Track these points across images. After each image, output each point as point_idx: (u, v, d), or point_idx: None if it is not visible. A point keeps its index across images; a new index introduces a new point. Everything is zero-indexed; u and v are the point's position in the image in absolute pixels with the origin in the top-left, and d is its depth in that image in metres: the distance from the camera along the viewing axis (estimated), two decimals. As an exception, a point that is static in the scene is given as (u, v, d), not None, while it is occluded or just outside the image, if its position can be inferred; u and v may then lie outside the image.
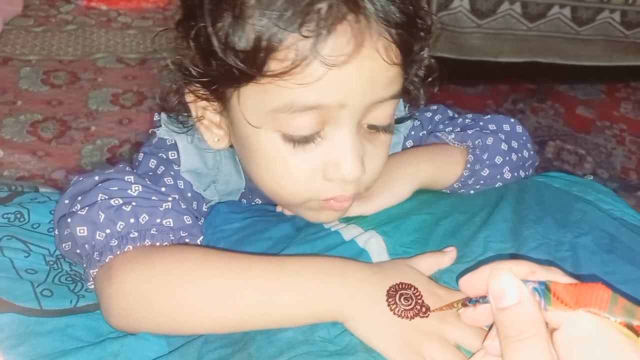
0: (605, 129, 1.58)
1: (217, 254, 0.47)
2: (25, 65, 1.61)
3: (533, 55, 1.62)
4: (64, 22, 1.81)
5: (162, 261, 0.45)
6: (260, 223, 0.54)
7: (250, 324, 0.43)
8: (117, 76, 1.60)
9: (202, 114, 0.52)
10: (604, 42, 1.62)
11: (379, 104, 0.46)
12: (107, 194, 0.47)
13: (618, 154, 1.50)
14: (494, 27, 1.59)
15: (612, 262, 0.48)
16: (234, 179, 0.58)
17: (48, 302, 0.47)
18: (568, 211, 0.53)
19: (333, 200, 0.49)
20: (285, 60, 0.42)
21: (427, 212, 0.52)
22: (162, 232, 0.47)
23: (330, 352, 0.40)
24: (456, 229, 0.51)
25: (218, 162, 0.56)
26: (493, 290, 0.31)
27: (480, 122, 0.63)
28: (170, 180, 0.51)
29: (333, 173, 0.47)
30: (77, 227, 0.46)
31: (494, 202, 0.55)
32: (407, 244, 0.49)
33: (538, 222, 0.50)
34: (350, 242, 0.49)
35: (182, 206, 0.50)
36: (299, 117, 0.44)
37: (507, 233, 0.49)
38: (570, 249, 0.48)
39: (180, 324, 0.44)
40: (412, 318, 0.41)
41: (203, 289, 0.44)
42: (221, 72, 0.45)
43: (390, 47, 0.44)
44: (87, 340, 0.46)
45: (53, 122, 1.43)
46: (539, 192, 0.57)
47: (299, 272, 0.44)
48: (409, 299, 0.42)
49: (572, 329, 0.29)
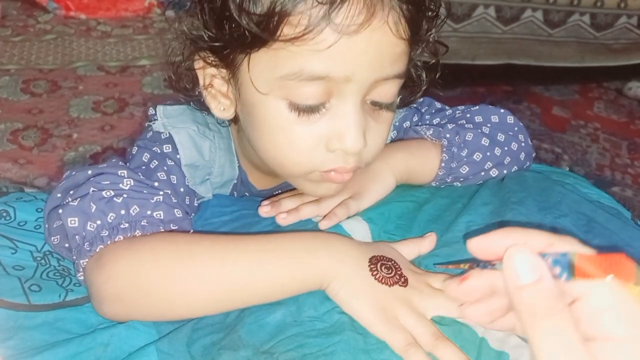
0: (580, 127, 1.62)
1: (204, 236, 0.48)
2: (4, 74, 1.59)
3: (508, 58, 1.66)
4: (43, 31, 1.80)
5: (152, 246, 0.46)
6: (248, 216, 0.55)
7: (242, 299, 0.44)
8: (98, 84, 1.59)
9: (210, 82, 0.52)
10: (576, 44, 1.66)
11: (384, 82, 0.47)
12: (98, 186, 0.48)
13: (593, 151, 1.54)
14: (469, 31, 1.62)
15: (590, 242, 0.49)
16: (227, 171, 0.59)
17: (36, 297, 0.47)
18: (548, 194, 0.54)
19: (334, 172, 0.49)
20: (298, 25, 0.43)
21: (410, 199, 0.54)
22: (152, 224, 0.48)
23: (318, 331, 0.41)
24: (438, 214, 0.52)
25: (213, 153, 0.57)
26: (510, 269, 0.30)
27: (467, 114, 0.63)
28: (163, 175, 0.52)
29: (336, 144, 0.47)
30: (68, 217, 0.47)
31: (474, 188, 0.56)
32: (392, 230, 0.50)
33: (520, 204, 0.52)
34: (336, 227, 0.51)
35: (173, 200, 0.50)
36: (307, 86, 0.45)
37: (488, 216, 0.51)
38: (551, 229, 0.50)
39: (173, 305, 0.45)
40: (392, 285, 0.43)
41: (193, 268, 0.45)
42: (234, 36, 0.46)
43: (400, 22, 0.45)
44: (77, 332, 0.46)
45: (34, 130, 1.42)
46: (519, 176, 0.59)
47: (284, 244, 0.45)
48: (390, 269, 0.44)
49: (597, 298, 0.29)
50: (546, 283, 0.29)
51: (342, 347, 0.40)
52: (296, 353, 0.40)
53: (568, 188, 0.56)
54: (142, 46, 1.77)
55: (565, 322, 0.28)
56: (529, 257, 0.30)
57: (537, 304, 0.29)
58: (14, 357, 0.43)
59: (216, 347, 0.42)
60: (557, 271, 0.30)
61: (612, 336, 0.28)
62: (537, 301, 0.29)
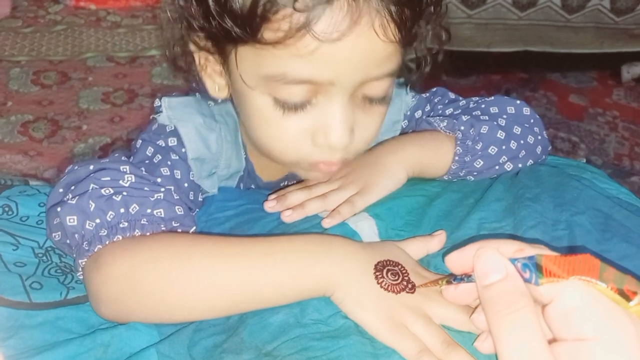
0: (598, 116, 1.58)
1: (205, 238, 0.47)
2: (15, 66, 1.60)
3: (524, 45, 1.62)
4: (53, 22, 1.80)
5: (151, 247, 0.45)
6: (253, 211, 0.54)
7: (242, 304, 0.43)
8: (108, 75, 1.59)
9: (204, 62, 0.52)
10: (595, 29, 1.62)
11: (374, 80, 0.46)
12: (98, 183, 0.47)
13: (611, 140, 1.50)
14: (484, 17, 1.59)
15: (607, 241, 0.48)
16: (234, 163, 0.58)
17: (37, 295, 0.47)
18: (564, 189, 0.52)
19: (322, 164, 0.49)
20: (279, 30, 0.42)
21: (420, 193, 0.52)
22: (152, 223, 0.47)
23: (322, 333, 0.40)
24: (449, 210, 0.50)
25: (220, 145, 0.56)
26: (478, 269, 0.31)
27: (482, 104, 0.61)
28: (167, 170, 0.51)
29: (321, 139, 0.47)
30: (67, 216, 0.46)
31: (487, 182, 0.54)
32: (400, 227, 0.49)
33: (535, 200, 0.50)
34: (342, 225, 0.49)
35: (174, 197, 0.49)
36: (291, 87, 0.45)
37: (501, 212, 0.48)
38: (567, 227, 0.48)
39: (171, 309, 0.44)
40: (399, 292, 0.41)
41: (192, 272, 0.43)
42: (219, 30, 0.45)
43: (388, 25, 0.43)
44: (77, 332, 0.45)
45: (44, 122, 1.42)
46: (534, 170, 0.56)
47: (286, 248, 0.44)
48: (396, 275, 0.42)
49: (566, 300, 0.29)
50: (511, 280, 0.30)
51: (348, 351, 0.39)
52: (300, 356, 0.39)
53: (585, 183, 0.54)
54: (152, 36, 1.76)
55: (532, 318, 0.28)
56: (495, 257, 0.31)
57: (501, 300, 0.29)
58: (14, 357, 0.43)
59: (218, 349, 0.41)
60: (527, 275, 0.30)
61: (583, 336, 0.28)
62: (501, 298, 0.30)
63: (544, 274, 0.29)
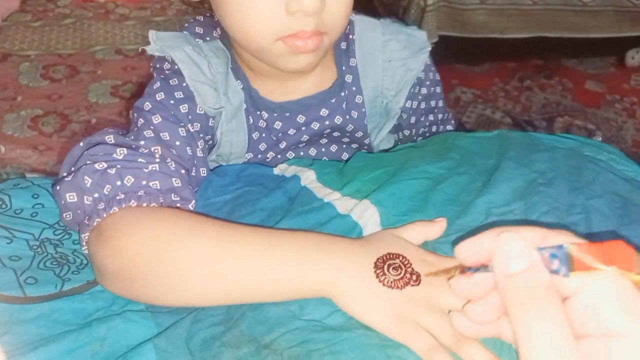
0: (616, 102, 1.54)
1: (210, 222, 0.46)
2: (25, 60, 1.60)
3: (540, 30, 1.58)
4: (62, 15, 1.80)
5: (155, 224, 0.45)
6: (251, 193, 0.52)
7: (237, 297, 0.42)
8: (117, 68, 1.58)
9: None
10: (613, 13, 1.57)
11: None
12: (92, 159, 0.47)
13: (629, 127, 1.46)
14: (498, 3, 1.54)
15: (625, 226, 0.45)
16: (232, 96, 0.58)
17: (32, 290, 0.46)
18: (580, 172, 0.49)
19: (298, 40, 0.50)
20: None
21: (424, 175, 0.49)
22: (150, 194, 0.47)
23: (324, 326, 0.38)
24: (456, 194, 0.48)
25: (213, 75, 0.57)
26: (499, 256, 0.28)
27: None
28: (161, 128, 0.51)
29: (294, 5, 0.48)
30: (67, 193, 0.47)
31: (495, 161, 0.51)
32: (403, 212, 0.46)
33: (549, 185, 0.47)
34: (344, 216, 0.47)
35: (170, 167, 0.49)
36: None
37: (511, 195, 0.46)
38: (583, 211, 0.45)
39: (168, 290, 0.43)
40: (403, 287, 0.39)
41: (192, 257, 0.43)
42: None
43: None
44: (74, 323, 0.44)
45: (54, 116, 1.42)
46: (547, 151, 0.53)
47: (285, 247, 0.42)
48: (398, 269, 0.40)
49: (596, 290, 0.26)
50: (537, 272, 0.27)
51: (351, 344, 0.37)
52: (301, 349, 0.37)
53: (602, 165, 0.51)
54: (160, 28, 1.75)
55: (557, 315, 0.26)
56: (520, 244, 0.28)
57: (526, 293, 0.27)
58: (9, 353, 0.42)
59: (217, 342, 0.40)
60: (555, 265, 0.27)
61: (612, 331, 0.25)
62: (526, 290, 0.27)
63: (574, 265, 0.27)
